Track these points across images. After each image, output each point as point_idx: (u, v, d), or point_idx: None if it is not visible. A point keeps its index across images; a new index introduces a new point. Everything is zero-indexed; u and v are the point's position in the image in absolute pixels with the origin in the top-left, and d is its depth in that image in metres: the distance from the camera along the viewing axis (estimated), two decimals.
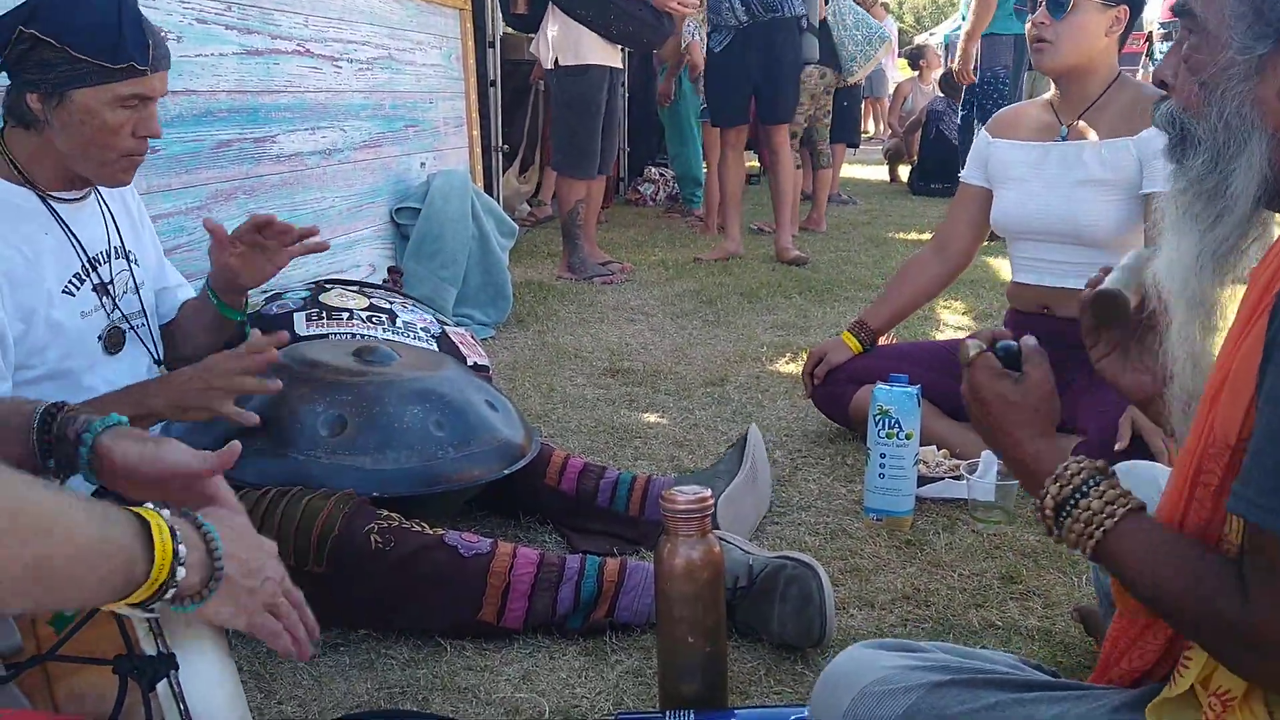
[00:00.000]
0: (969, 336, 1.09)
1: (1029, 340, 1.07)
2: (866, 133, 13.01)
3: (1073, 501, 0.92)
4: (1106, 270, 1.16)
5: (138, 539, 0.80)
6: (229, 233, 1.65)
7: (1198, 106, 0.91)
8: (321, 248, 1.72)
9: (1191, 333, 0.94)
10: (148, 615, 0.85)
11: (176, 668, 0.91)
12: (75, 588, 0.76)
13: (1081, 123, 2.20)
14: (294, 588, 0.97)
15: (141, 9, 1.59)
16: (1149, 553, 0.87)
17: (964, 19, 5.16)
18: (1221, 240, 0.91)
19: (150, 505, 0.84)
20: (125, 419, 1.12)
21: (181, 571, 0.82)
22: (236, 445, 1.05)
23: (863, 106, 7.53)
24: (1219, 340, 0.90)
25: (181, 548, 0.82)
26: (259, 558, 0.93)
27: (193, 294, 1.82)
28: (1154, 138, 1.28)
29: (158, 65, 1.47)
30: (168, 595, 0.82)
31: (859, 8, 5.38)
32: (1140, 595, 0.90)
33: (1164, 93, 0.97)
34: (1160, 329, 1.09)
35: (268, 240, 1.65)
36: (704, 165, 6.06)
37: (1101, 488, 0.92)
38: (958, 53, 4.91)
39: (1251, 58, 0.87)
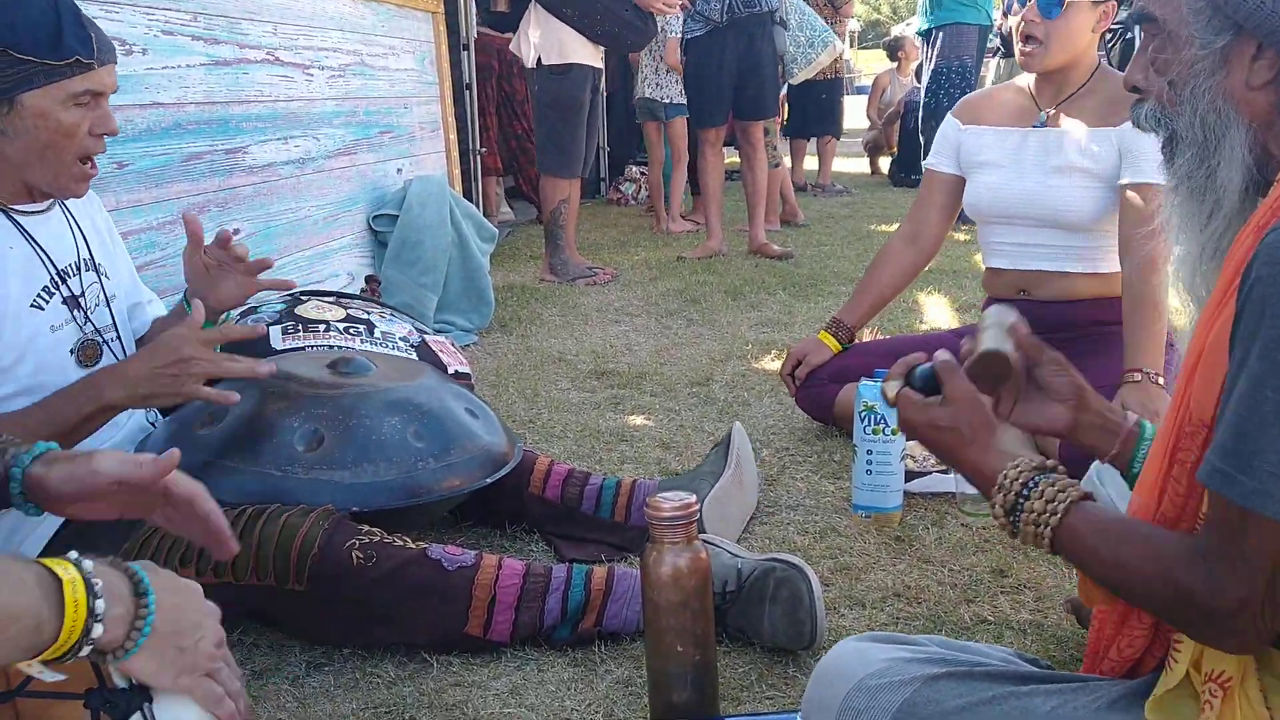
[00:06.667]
0: (885, 379, 1.11)
1: (940, 356, 1.07)
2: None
3: (1018, 506, 0.94)
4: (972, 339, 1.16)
5: (46, 600, 0.77)
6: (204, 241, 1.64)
7: (1173, 105, 0.92)
8: (286, 285, 1.77)
9: None
10: (55, 676, 0.82)
11: (150, 700, 0.89)
12: None
13: (1059, 111, 2.19)
14: (234, 664, 0.93)
15: (105, 21, 1.56)
16: (1104, 538, 0.89)
17: (923, 15, 5.18)
18: (1219, 234, 0.92)
19: (73, 555, 0.81)
20: (55, 445, 1.08)
21: (98, 629, 0.79)
22: (175, 452, 1.03)
23: (843, 100, 7.51)
24: None
25: (100, 602, 0.79)
26: (195, 617, 0.89)
27: (164, 310, 1.79)
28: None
29: (103, 58, 1.44)
30: (83, 652, 0.80)
31: (806, 7, 5.32)
32: (1104, 580, 0.91)
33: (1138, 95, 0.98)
34: (1043, 362, 1.13)
35: (229, 259, 1.64)
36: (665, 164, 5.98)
37: (1040, 487, 0.94)
38: None
39: (1213, 51, 0.88)
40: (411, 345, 2.35)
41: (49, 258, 1.50)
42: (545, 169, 4.27)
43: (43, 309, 1.48)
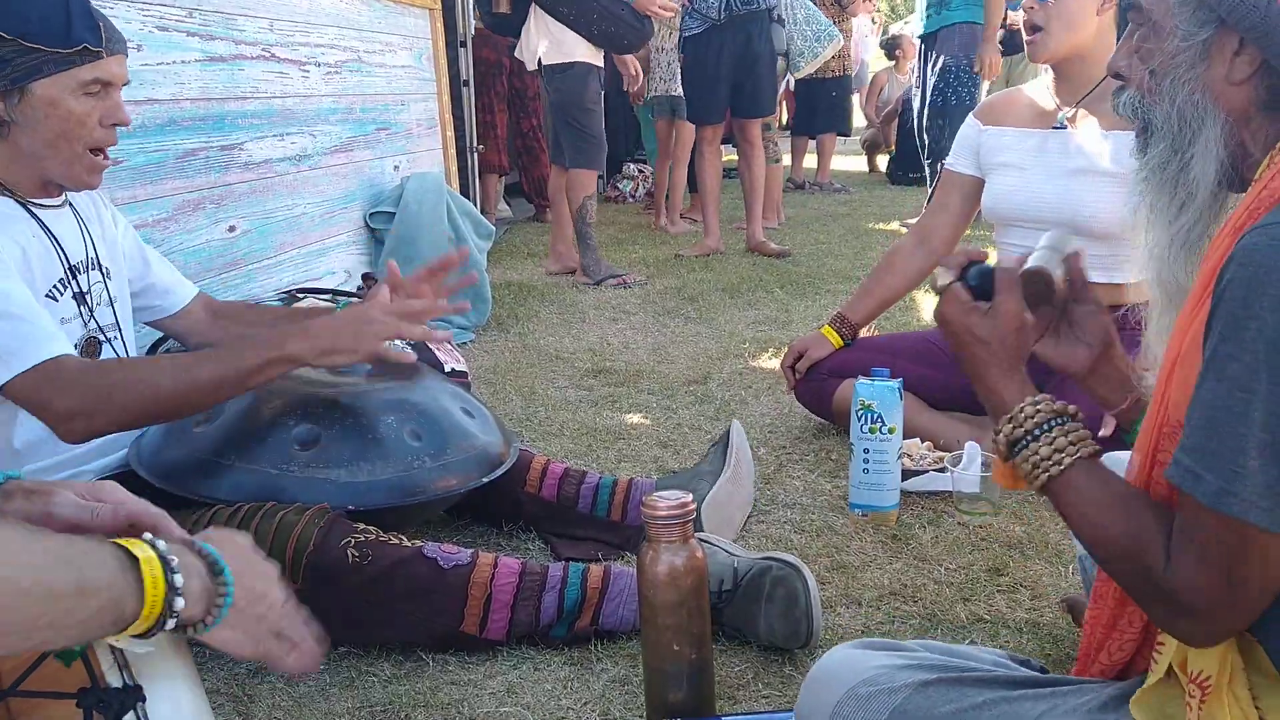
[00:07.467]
0: (941, 265, 1.07)
1: (1006, 262, 1.05)
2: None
3: (1023, 442, 0.95)
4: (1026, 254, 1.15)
5: (124, 577, 0.79)
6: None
7: (1152, 94, 0.93)
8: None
9: (1170, 319, 0.95)
10: (146, 647, 0.85)
11: (143, 699, 0.88)
12: (53, 631, 0.75)
13: (1082, 110, 2.14)
14: (298, 605, 0.98)
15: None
16: (1090, 504, 0.90)
17: (922, 18, 5.16)
18: (1189, 227, 0.92)
19: (146, 536, 0.84)
20: (17, 473, 1.04)
21: (180, 602, 0.82)
22: (133, 509, 0.97)
23: (852, 97, 7.50)
24: None
25: (178, 577, 0.82)
26: (264, 583, 0.93)
27: (194, 290, 1.81)
28: None
29: (113, 48, 1.45)
30: (168, 626, 0.82)
31: (810, 3, 5.33)
32: (1079, 534, 0.92)
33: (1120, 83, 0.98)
34: (1085, 301, 1.13)
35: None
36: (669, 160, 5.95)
37: (1053, 434, 0.94)
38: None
39: (1196, 44, 0.88)
40: (408, 342, 2.34)
41: (64, 252, 1.52)
42: (572, 163, 4.23)
43: (56, 301, 1.50)
